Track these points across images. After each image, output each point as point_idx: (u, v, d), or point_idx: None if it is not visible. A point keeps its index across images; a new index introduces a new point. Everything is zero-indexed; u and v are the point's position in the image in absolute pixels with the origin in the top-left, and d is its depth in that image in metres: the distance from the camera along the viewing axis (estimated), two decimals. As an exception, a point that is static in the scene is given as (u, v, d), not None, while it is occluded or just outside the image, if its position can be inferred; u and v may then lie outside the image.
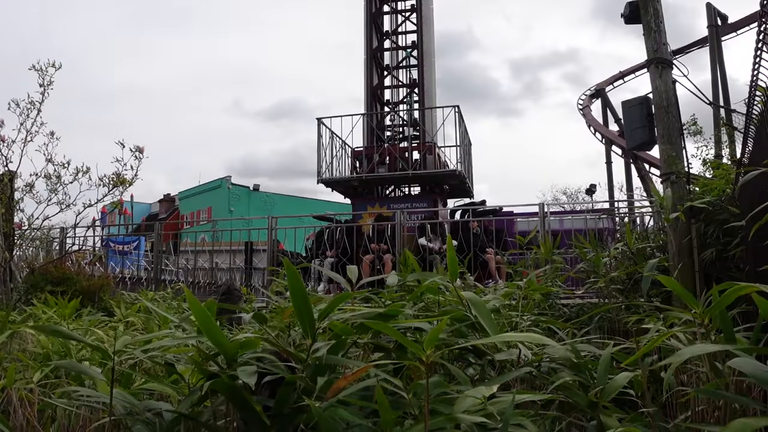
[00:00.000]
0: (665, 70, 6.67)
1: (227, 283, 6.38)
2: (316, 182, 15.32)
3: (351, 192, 16.23)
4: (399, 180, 16.00)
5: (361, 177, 15.38)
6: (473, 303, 2.05)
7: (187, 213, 52.17)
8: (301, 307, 1.77)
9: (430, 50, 17.62)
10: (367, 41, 17.56)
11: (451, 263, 2.36)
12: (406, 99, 17.92)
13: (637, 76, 33.84)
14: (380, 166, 15.48)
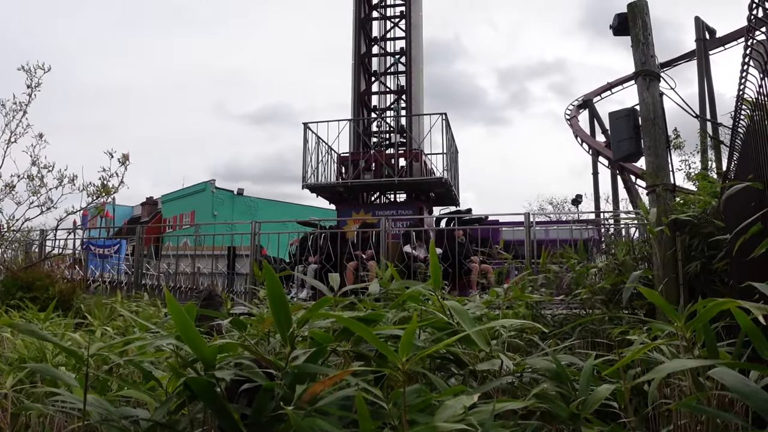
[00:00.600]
0: (653, 83, 6.73)
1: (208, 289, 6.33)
2: (301, 187, 15.30)
3: (336, 198, 16.21)
4: (385, 187, 16.01)
5: (347, 183, 15.38)
6: (457, 311, 2.05)
7: (170, 216, 51.91)
8: (280, 313, 1.75)
9: (418, 57, 17.68)
10: (356, 46, 17.58)
11: (434, 271, 2.35)
12: (393, 105, 17.94)
13: (624, 88, 34.13)
14: (366, 173, 15.47)
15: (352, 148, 16.39)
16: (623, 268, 6.41)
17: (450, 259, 11.45)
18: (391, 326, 2.15)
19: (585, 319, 5.02)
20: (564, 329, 4.81)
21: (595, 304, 6.28)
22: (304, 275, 12.27)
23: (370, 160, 15.68)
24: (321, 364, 2.08)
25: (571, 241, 10.73)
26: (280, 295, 1.73)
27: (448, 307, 2.13)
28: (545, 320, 6.20)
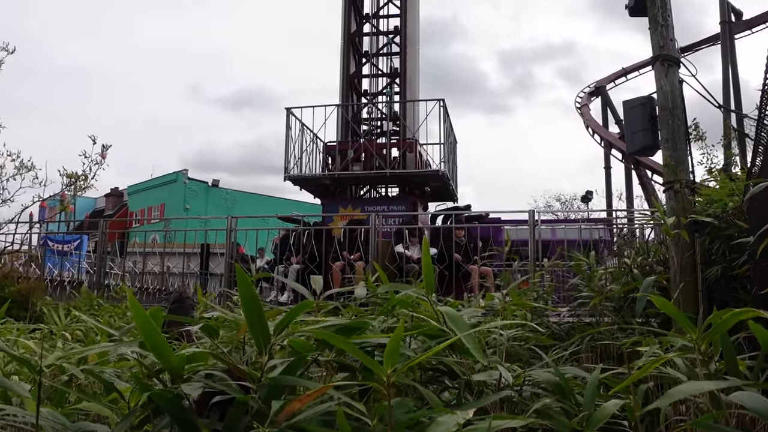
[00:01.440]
0: (672, 69, 6.75)
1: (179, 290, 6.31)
2: (282, 179, 15.29)
3: (321, 191, 16.21)
4: (375, 179, 16.02)
5: (334, 175, 15.38)
6: (450, 317, 2.05)
7: (137, 210, 51.72)
8: (254, 320, 1.75)
9: (414, 37, 17.68)
10: (345, 25, 17.57)
11: (426, 273, 2.36)
12: (386, 90, 17.94)
13: (640, 74, 34.24)
14: (355, 164, 15.47)
15: (340, 137, 16.38)
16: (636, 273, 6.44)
17: (446, 260, 11.47)
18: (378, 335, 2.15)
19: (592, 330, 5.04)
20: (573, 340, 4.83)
21: (605, 311, 6.30)
22: (285, 277, 12.26)
23: (359, 150, 15.68)
24: (301, 375, 2.08)
25: (579, 241, 10.77)
26: (254, 301, 1.73)
27: (440, 312, 2.14)
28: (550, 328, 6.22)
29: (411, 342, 2.39)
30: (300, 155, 15.26)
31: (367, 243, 11.65)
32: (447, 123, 15.44)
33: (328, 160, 16.00)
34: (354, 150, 15.66)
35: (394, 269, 11.51)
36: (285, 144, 15.15)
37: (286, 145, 15.15)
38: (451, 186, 16.22)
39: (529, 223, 10.78)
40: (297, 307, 1.95)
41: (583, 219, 14.97)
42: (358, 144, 15.82)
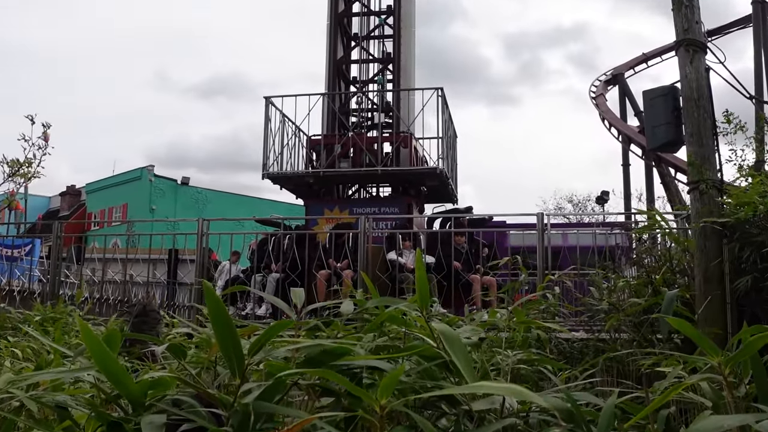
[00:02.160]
0: (697, 55, 6.77)
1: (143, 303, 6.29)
2: (261, 177, 15.26)
3: (304, 191, 16.20)
4: (365, 178, 16.03)
5: (318, 173, 15.37)
6: (446, 337, 2.05)
7: (97, 211, 51.56)
8: (226, 338, 1.75)
9: (409, 18, 17.69)
10: (332, 3, 17.57)
11: (420, 285, 2.35)
12: (377, 77, 17.95)
13: (663, 60, 34.37)
14: (342, 160, 15.47)
15: (326, 130, 16.38)
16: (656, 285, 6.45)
17: (445, 269, 11.48)
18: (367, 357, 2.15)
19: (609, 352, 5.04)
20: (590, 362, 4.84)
21: (623, 327, 6.32)
22: (263, 287, 12.24)
23: (347, 145, 15.68)
24: (279, 401, 2.07)
25: (594, 248, 10.80)
26: (224, 316, 1.72)
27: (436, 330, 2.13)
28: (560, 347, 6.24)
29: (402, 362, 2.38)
30: (280, 150, 15.25)
31: (356, 250, 11.64)
32: (446, 115, 15.45)
33: (312, 155, 16.00)
34: (341, 144, 15.67)
35: (386, 279, 11.51)
36: (263, 137, 15.15)
37: (264, 139, 15.14)
38: (451, 185, 16.24)
39: (538, 227, 10.80)
40: (273, 328, 1.95)
41: (598, 223, 15.00)
42: (345, 138, 15.83)
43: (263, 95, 15.49)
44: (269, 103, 15.11)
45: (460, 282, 11.67)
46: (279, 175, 15.37)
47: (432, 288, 11.25)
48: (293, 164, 15.63)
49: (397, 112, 16.23)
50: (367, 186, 17.35)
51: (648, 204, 30.91)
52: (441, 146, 15.16)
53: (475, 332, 2.70)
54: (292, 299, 2.70)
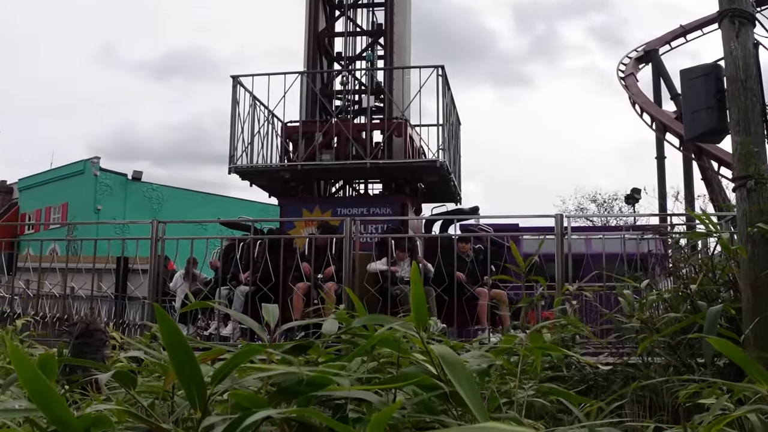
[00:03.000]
0: (744, 28, 6.77)
1: (87, 321, 6.25)
2: (227, 172, 15.22)
3: (279, 188, 16.18)
4: (351, 172, 16.01)
5: (296, 166, 15.33)
6: (448, 363, 2.04)
7: (31, 211, 51.46)
8: (183, 364, 1.73)
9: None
10: (312, -35, 17.55)
11: (417, 300, 2.34)
12: (366, 53, 17.94)
13: (704, 34, 34.48)
14: (324, 151, 15.45)
15: (305, 115, 16.35)
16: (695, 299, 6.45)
17: (446, 281, 11.48)
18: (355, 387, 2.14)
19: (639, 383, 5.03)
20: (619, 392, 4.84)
21: (656, 349, 6.31)
22: (229, 302, 12.22)
23: (330, 133, 15.66)
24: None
25: (623, 256, 10.81)
26: (179, 341, 1.71)
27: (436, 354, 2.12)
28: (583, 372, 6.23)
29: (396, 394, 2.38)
30: (250, 139, 15.21)
31: (341, 258, 11.63)
32: (447, 98, 15.45)
33: (288, 146, 15.97)
34: (323, 133, 15.63)
35: (376, 293, 11.50)
36: (230, 124, 15.11)
37: (231, 126, 15.10)
38: (453, 181, 16.23)
39: (556, 231, 10.81)
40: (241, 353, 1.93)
41: (627, 226, 15.06)
42: (328, 125, 15.79)
43: (230, 74, 15.40)
44: (237, 84, 15.08)
45: (465, 296, 11.67)
46: (249, 169, 15.34)
47: (431, 304, 11.26)
48: (266, 156, 15.59)
49: (389, 95, 16.20)
50: (354, 182, 17.32)
51: (686, 204, 31.00)
52: (442, 135, 15.13)
53: (484, 358, 2.69)
54: (264, 317, 2.69)
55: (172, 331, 1.70)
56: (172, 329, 1.69)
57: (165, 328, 1.69)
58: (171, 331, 1.70)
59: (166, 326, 1.69)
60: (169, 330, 1.69)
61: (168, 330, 1.69)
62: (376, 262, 12.16)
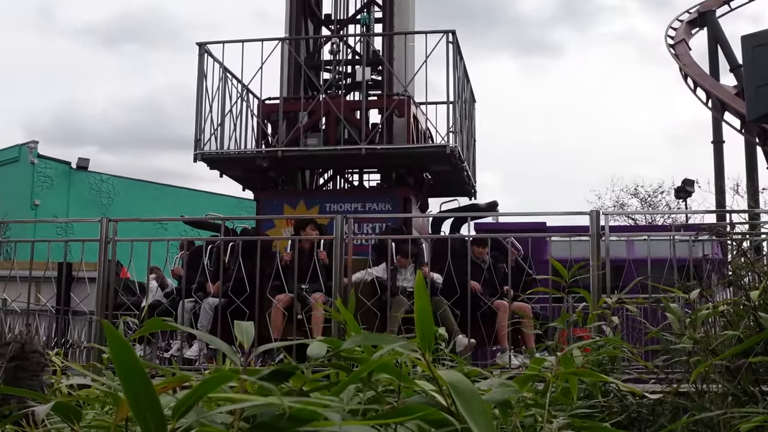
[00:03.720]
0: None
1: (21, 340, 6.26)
2: (192, 159, 15.20)
3: (255, 179, 16.16)
4: (343, 160, 15.99)
5: (275, 153, 15.32)
6: (460, 393, 2.04)
7: (-46, 207, 51.39)
8: (138, 393, 1.73)
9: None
10: None
11: (422, 316, 2.34)
12: (360, 16, 17.94)
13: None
14: (310, 135, 15.45)
15: (287, 91, 16.35)
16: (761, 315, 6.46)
17: (458, 293, 11.48)
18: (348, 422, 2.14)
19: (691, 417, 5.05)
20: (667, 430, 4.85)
21: (713, 374, 6.33)
22: (195, 318, 12.24)
23: (317, 113, 15.65)
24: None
25: (672, 261, 10.82)
26: (133, 366, 1.71)
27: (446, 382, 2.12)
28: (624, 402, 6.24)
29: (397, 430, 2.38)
30: (220, 120, 15.22)
31: (331, 264, 11.64)
32: (459, 70, 15.45)
33: (266, 128, 15.96)
34: (309, 112, 15.63)
35: (373, 307, 11.50)
36: (196, 102, 15.11)
37: (197, 105, 15.11)
38: (466, 170, 16.24)
39: (591, 231, 10.80)
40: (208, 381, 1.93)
41: (677, 225, 15.08)
42: (315, 103, 15.79)
43: (196, 41, 15.40)
44: (204, 53, 15.07)
45: (481, 310, 11.69)
46: (218, 157, 15.35)
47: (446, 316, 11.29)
48: (239, 141, 15.61)
49: (389, 66, 16.20)
50: (346, 172, 17.33)
51: (749, 198, 30.97)
52: (453, 115, 15.13)
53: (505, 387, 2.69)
54: (237, 336, 2.69)
55: (124, 352, 1.68)
56: (124, 351, 1.68)
57: (116, 349, 1.68)
58: (123, 353, 1.68)
59: (118, 347, 1.68)
60: (121, 351, 1.68)
61: (119, 351, 1.68)
62: (370, 269, 12.13)
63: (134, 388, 1.73)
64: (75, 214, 43.69)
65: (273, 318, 11.62)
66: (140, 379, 1.72)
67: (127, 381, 1.73)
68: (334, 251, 11.34)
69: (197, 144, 15.07)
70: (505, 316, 11.69)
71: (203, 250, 13.18)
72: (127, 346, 1.68)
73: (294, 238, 12.95)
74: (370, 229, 14.78)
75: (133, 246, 12.51)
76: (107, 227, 11.86)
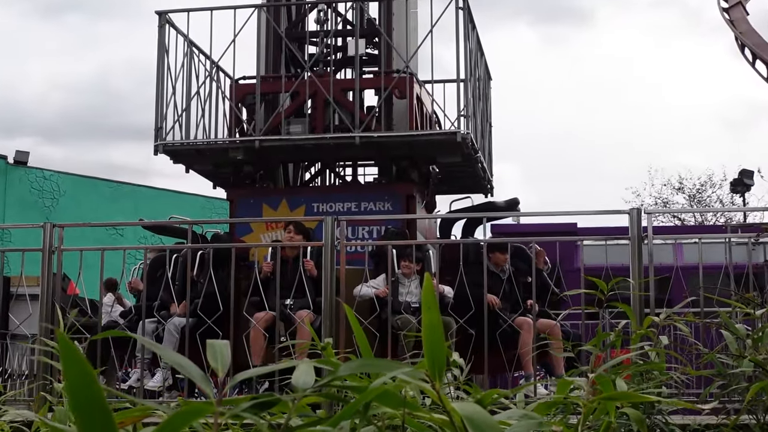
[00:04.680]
0: None
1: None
2: (152, 152, 15.21)
3: (229, 175, 16.18)
4: (333, 151, 16.00)
5: (252, 143, 15.33)
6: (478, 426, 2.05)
7: None
8: (96, 430, 1.73)
9: None
10: None
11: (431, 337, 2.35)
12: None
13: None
14: (293, 121, 15.47)
15: (265, 68, 16.36)
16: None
17: (472, 308, 11.48)
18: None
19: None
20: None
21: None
22: (158, 341, 12.25)
23: (301, 94, 15.67)
24: None
25: (728, 269, 10.82)
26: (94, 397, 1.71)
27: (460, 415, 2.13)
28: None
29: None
30: (186, 104, 15.23)
31: (319, 276, 11.65)
32: (472, 42, 15.44)
33: (240, 113, 15.98)
34: (291, 94, 15.65)
35: (371, 327, 11.50)
36: (156, 83, 15.12)
37: (157, 86, 15.12)
38: (481, 162, 16.24)
39: (631, 233, 10.80)
40: (177, 416, 1.94)
41: (734, 225, 15.09)
42: (299, 82, 15.80)
43: (155, 9, 15.40)
44: (165, 23, 15.07)
45: (500, 329, 11.70)
46: (184, 148, 15.36)
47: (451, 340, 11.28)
48: (208, 128, 15.62)
49: (387, 38, 16.21)
50: (337, 165, 17.34)
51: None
52: (464, 95, 15.13)
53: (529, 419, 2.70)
54: (209, 361, 2.70)
55: (81, 376, 1.65)
56: (81, 375, 1.64)
57: (72, 372, 1.65)
58: (80, 378, 1.65)
59: (75, 369, 1.64)
60: (78, 375, 1.65)
61: (76, 375, 1.65)
62: (368, 283, 12.13)
63: (91, 423, 1.73)
64: (12, 218, 43.66)
65: (252, 340, 11.63)
66: (100, 412, 1.71)
67: (81, 413, 1.72)
68: (324, 260, 11.33)
69: (158, 133, 15.08)
70: (529, 336, 11.69)
71: (166, 260, 13.17)
72: (87, 367, 1.66)
73: (275, 244, 12.94)
74: (366, 234, 14.79)
75: (82, 256, 12.53)
76: (51, 234, 11.85)
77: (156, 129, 15.07)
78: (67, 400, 1.77)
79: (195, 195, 41.21)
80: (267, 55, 16.43)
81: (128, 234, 38.68)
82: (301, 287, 12.13)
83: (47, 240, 11.77)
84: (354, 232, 14.54)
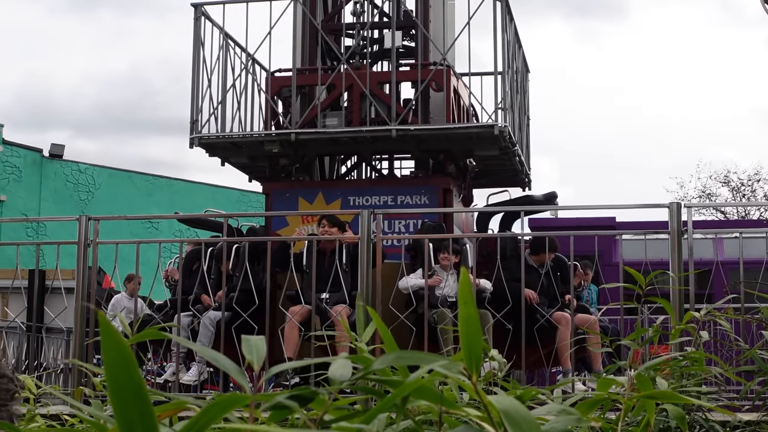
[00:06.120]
0: None
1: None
2: (188, 145, 15.22)
3: (265, 168, 16.17)
4: (369, 144, 15.98)
5: (288, 136, 15.33)
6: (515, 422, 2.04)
7: None
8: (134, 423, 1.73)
9: None
10: None
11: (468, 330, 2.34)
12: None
13: None
14: (330, 114, 15.46)
15: (300, 61, 16.36)
16: None
17: (509, 303, 11.45)
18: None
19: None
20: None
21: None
22: (194, 334, 12.27)
23: (338, 87, 15.66)
24: None
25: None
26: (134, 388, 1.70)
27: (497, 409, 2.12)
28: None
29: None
30: (221, 97, 15.24)
31: (355, 268, 11.63)
32: (510, 33, 15.39)
33: (276, 106, 15.97)
34: (327, 87, 15.64)
35: (407, 321, 11.48)
36: (192, 76, 15.13)
37: (193, 79, 15.13)
38: (519, 155, 16.19)
39: (671, 227, 10.74)
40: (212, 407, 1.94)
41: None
42: (335, 75, 15.79)
43: (190, 2, 15.38)
44: (201, 16, 15.07)
45: (537, 324, 11.66)
46: (219, 141, 15.37)
47: (486, 335, 11.24)
48: (244, 122, 15.62)
49: (424, 30, 16.18)
50: (374, 158, 17.32)
51: None
52: (502, 88, 15.08)
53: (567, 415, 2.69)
54: (245, 355, 2.69)
55: (123, 364, 1.62)
56: (123, 361, 1.62)
57: (113, 360, 1.62)
58: (121, 365, 1.63)
59: (115, 357, 1.62)
60: (119, 362, 1.62)
61: (118, 364, 1.63)
62: (409, 276, 12.12)
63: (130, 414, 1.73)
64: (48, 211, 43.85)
65: (286, 334, 11.63)
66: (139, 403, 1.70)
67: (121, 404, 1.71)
68: (360, 254, 11.30)
69: (194, 126, 15.09)
70: (567, 331, 11.64)
71: (201, 253, 13.17)
72: (129, 354, 1.64)
73: (311, 238, 12.94)
74: (402, 227, 14.76)
75: (117, 249, 12.55)
76: (87, 227, 11.86)
77: (192, 122, 15.08)
78: (107, 386, 1.77)
79: (230, 188, 41.25)
80: (303, 48, 16.43)
81: (164, 227, 38.83)
82: (336, 281, 12.12)
83: (83, 233, 11.76)
84: (390, 225, 14.51)
